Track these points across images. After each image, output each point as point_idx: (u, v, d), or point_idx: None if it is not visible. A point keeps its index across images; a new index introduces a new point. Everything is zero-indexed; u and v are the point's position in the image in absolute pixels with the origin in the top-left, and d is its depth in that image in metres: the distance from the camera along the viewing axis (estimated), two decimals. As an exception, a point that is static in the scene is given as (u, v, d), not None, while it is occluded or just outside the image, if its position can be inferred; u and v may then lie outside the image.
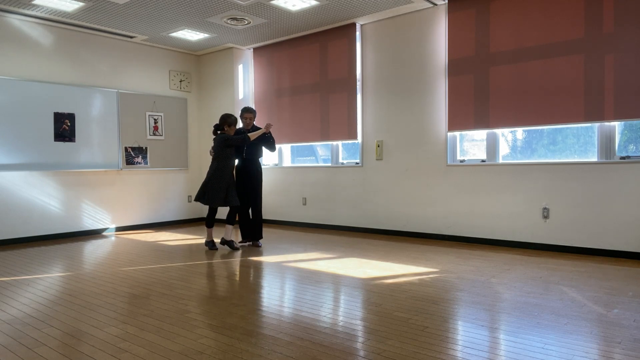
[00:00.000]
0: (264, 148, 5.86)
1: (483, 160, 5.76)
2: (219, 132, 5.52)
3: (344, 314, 3.15)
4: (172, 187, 8.08)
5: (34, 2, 5.67)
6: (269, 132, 5.61)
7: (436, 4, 5.93)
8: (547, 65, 5.14)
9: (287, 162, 7.96)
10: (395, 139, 6.44)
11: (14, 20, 6.24)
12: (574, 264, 4.55)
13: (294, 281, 4.05)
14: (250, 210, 5.78)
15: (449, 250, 5.31)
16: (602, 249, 4.91)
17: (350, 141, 6.92)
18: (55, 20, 6.38)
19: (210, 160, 5.55)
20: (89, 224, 7.01)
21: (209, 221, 5.61)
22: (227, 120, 5.44)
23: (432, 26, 6.04)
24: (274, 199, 7.90)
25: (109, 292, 3.77)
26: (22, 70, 6.33)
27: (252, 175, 5.66)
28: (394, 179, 6.46)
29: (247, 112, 5.69)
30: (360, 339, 2.68)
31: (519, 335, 2.70)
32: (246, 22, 6.53)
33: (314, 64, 7.18)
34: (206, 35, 7.12)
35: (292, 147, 7.91)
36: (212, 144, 5.51)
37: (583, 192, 5.00)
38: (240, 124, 6.01)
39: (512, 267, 4.45)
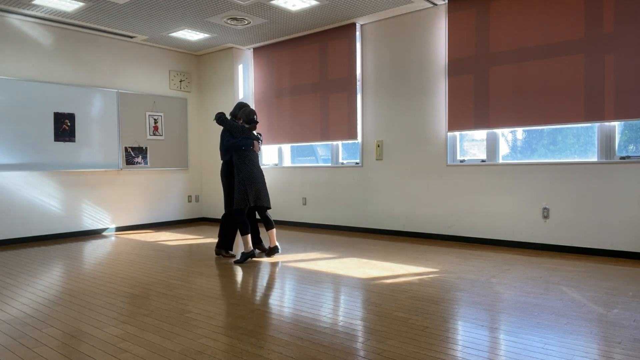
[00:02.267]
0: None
1: (483, 160, 5.76)
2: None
3: (344, 314, 3.15)
4: (172, 187, 8.07)
5: (34, 2, 5.67)
6: None
7: (436, 4, 5.93)
8: (547, 65, 5.14)
9: (287, 162, 7.96)
10: (395, 139, 6.44)
11: (14, 20, 6.24)
12: (574, 264, 4.55)
13: (294, 281, 4.05)
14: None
15: (449, 250, 5.31)
16: (602, 249, 4.91)
17: (350, 141, 6.92)
18: (55, 20, 6.38)
19: (246, 156, 4.89)
20: (89, 224, 7.01)
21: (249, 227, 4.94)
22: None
23: (432, 26, 6.04)
24: (274, 199, 7.89)
25: (109, 292, 3.77)
26: (22, 70, 6.33)
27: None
28: (394, 179, 6.46)
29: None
30: (360, 339, 2.68)
31: (519, 335, 2.70)
32: (246, 22, 6.53)
33: (314, 64, 7.18)
34: (206, 35, 7.12)
35: (292, 147, 7.91)
36: (246, 132, 4.93)
37: (583, 192, 5.00)
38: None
39: (512, 267, 4.45)
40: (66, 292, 3.81)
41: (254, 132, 5.06)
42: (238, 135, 4.90)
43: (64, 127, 6.63)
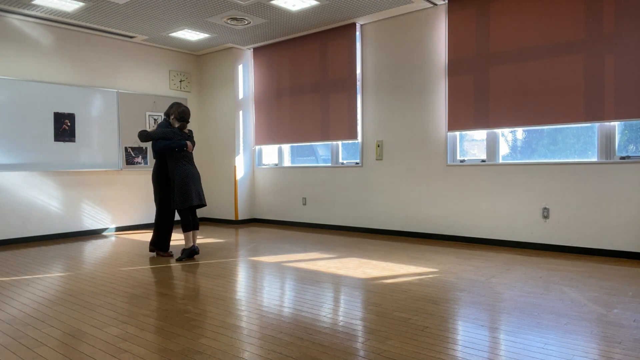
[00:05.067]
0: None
1: (483, 160, 5.76)
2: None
3: (344, 314, 3.15)
4: (172, 187, 8.07)
5: (34, 2, 5.67)
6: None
7: (436, 4, 5.93)
8: (547, 65, 5.14)
9: (287, 162, 7.96)
10: (395, 139, 6.44)
11: (14, 20, 6.24)
12: (574, 264, 4.55)
13: (294, 281, 4.05)
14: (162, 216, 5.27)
15: (449, 250, 5.31)
16: (602, 249, 4.91)
17: (350, 141, 6.92)
18: (55, 20, 6.38)
19: (181, 156, 4.97)
20: (89, 224, 7.00)
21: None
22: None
23: (432, 26, 6.04)
24: (274, 199, 7.90)
25: (109, 292, 3.77)
26: (22, 70, 6.33)
27: None
28: (394, 179, 6.46)
29: None
30: (360, 339, 2.68)
31: (519, 335, 2.70)
32: (246, 22, 6.53)
33: (314, 64, 7.18)
34: (206, 35, 7.12)
35: (292, 147, 7.91)
36: (178, 135, 4.98)
37: (583, 192, 5.00)
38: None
39: (512, 267, 4.45)
40: (66, 292, 3.81)
41: (186, 131, 5.13)
42: (171, 137, 4.96)
43: (64, 127, 6.63)
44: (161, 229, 5.22)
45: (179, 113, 5.05)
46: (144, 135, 4.90)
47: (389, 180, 6.52)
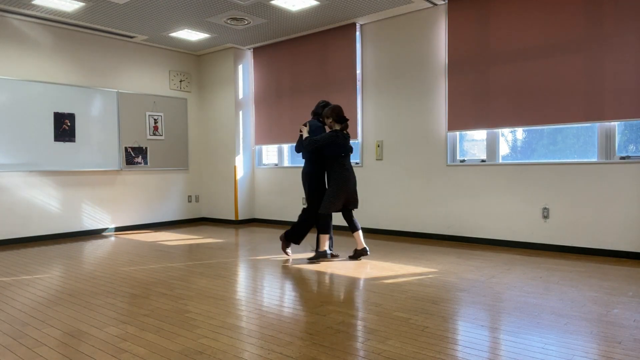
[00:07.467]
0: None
1: (483, 160, 5.76)
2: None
3: (344, 314, 3.15)
4: (172, 187, 8.07)
5: (33, 2, 5.67)
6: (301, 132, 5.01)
7: (436, 4, 5.93)
8: (547, 65, 5.14)
9: (287, 162, 7.96)
10: (395, 139, 6.44)
11: (14, 20, 6.24)
12: (574, 264, 4.55)
13: (294, 281, 4.05)
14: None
15: (449, 250, 5.31)
16: (602, 249, 4.91)
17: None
18: (55, 20, 6.38)
19: (338, 159, 4.79)
20: (89, 224, 7.00)
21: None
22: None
23: (432, 26, 6.03)
24: (274, 199, 7.89)
25: (109, 292, 3.77)
26: (22, 70, 6.33)
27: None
28: (394, 179, 6.46)
29: None
30: (360, 339, 2.68)
31: (519, 335, 2.70)
32: (246, 22, 6.54)
33: (314, 64, 7.18)
34: (206, 35, 7.12)
35: (292, 147, 7.91)
36: (342, 137, 4.80)
37: (583, 192, 5.00)
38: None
39: (512, 267, 4.45)
40: (66, 292, 3.81)
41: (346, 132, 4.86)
42: (341, 142, 4.75)
43: (64, 127, 6.63)
44: (305, 223, 4.89)
45: (336, 115, 4.75)
46: (312, 143, 4.69)
47: (389, 180, 6.52)
